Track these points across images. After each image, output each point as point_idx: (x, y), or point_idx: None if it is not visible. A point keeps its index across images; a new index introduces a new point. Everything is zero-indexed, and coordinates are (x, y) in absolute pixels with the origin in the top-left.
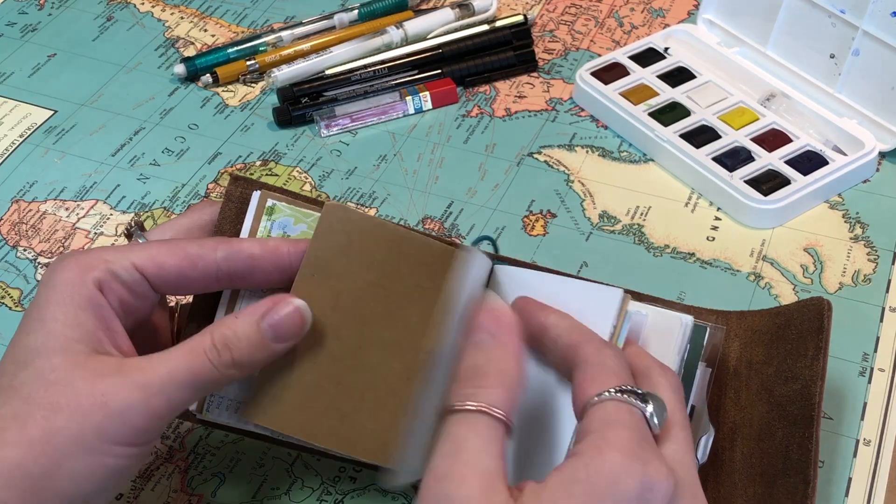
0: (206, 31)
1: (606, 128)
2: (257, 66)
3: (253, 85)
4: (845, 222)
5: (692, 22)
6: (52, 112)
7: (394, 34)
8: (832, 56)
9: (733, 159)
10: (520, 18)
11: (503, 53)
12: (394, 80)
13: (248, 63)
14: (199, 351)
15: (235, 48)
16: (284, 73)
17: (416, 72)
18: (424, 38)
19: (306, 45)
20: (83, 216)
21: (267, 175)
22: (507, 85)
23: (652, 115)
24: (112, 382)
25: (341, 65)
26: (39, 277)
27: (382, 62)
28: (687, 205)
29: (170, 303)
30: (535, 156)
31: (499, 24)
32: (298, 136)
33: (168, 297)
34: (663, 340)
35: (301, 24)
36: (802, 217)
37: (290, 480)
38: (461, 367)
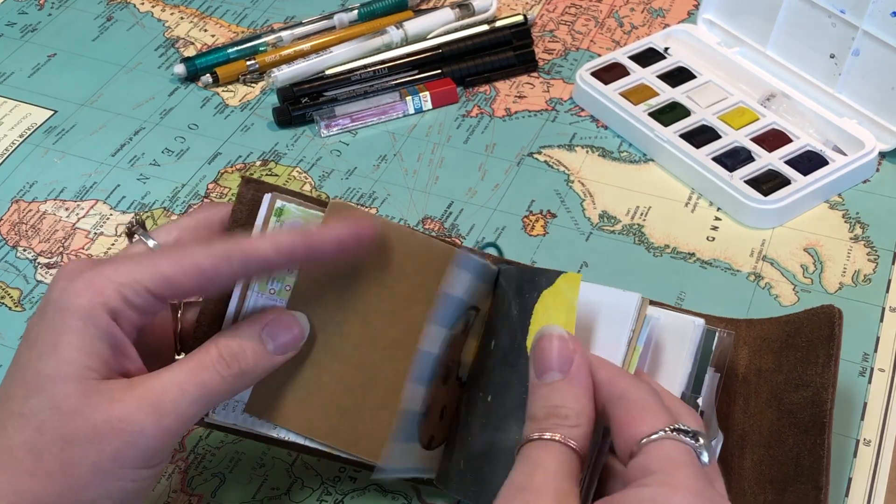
0: (206, 31)
1: (606, 128)
2: (257, 66)
3: (253, 85)
4: (845, 222)
5: (692, 22)
6: (52, 112)
7: (394, 34)
8: (832, 56)
9: (733, 159)
10: (520, 18)
11: (503, 53)
12: (394, 80)
13: (248, 63)
14: (206, 364)
15: (235, 48)
16: (284, 73)
17: (416, 72)
18: (424, 38)
19: (306, 45)
20: (83, 216)
21: (267, 175)
22: (507, 85)
23: (652, 115)
24: (125, 406)
25: (341, 65)
26: (39, 278)
27: (382, 62)
28: (687, 205)
29: None
30: (535, 156)
31: (499, 24)
32: (298, 136)
33: None
34: (677, 343)
35: (301, 24)
36: (802, 217)
37: (290, 480)
38: (535, 406)
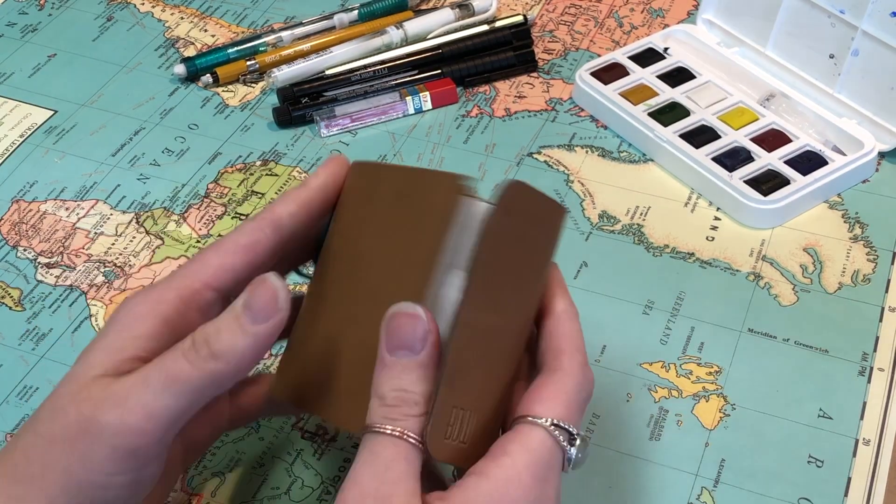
0: (206, 31)
1: (606, 128)
2: (257, 66)
3: (253, 85)
4: (845, 222)
5: (692, 22)
6: (52, 112)
7: (394, 34)
8: (832, 56)
9: (733, 159)
10: (520, 19)
11: (503, 53)
12: (394, 80)
13: (248, 63)
14: (175, 353)
15: (235, 48)
16: (284, 73)
17: (416, 72)
18: (424, 39)
19: (306, 46)
20: (83, 216)
21: (267, 175)
22: (507, 85)
23: (652, 115)
24: (92, 404)
25: (341, 65)
26: (40, 277)
27: (382, 62)
28: (687, 205)
29: None
30: (535, 156)
31: (499, 24)
32: (298, 136)
33: None
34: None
35: (301, 24)
36: (802, 217)
37: (290, 480)
38: (383, 384)
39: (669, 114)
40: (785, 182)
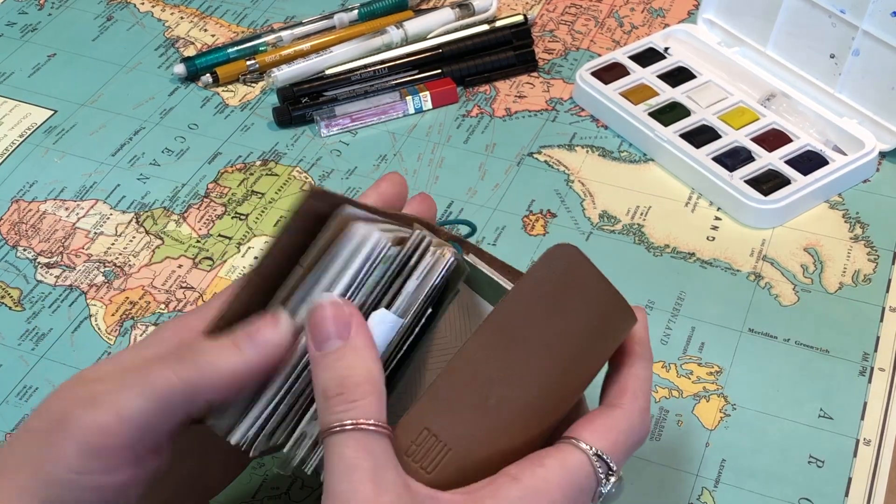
0: (206, 31)
1: (606, 128)
2: (257, 65)
3: (253, 85)
4: (845, 222)
5: (692, 22)
6: (52, 112)
7: (394, 34)
8: (832, 56)
9: (733, 159)
10: (520, 18)
11: (503, 53)
12: (394, 79)
13: (248, 63)
14: (161, 359)
15: (235, 48)
16: (284, 73)
17: (416, 72)
18: (424, 38)
19: (306, 45)
20: (83, 216)
21: (267, 175)
22: (507, 85)
23: (652, 114)
24: (72, 401)
25: (341, 65)
26: (39, 277)
27: (382, 62)
28: (687, 205)
29: None
30: (535, 156)
31: (499, 24)
32: (298, 136)
33: None
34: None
35: (301, 24)
36: (802, 217)
37: (290, 480)
38: (323, 379)
39: (670, 113)
40: (785, 182)
